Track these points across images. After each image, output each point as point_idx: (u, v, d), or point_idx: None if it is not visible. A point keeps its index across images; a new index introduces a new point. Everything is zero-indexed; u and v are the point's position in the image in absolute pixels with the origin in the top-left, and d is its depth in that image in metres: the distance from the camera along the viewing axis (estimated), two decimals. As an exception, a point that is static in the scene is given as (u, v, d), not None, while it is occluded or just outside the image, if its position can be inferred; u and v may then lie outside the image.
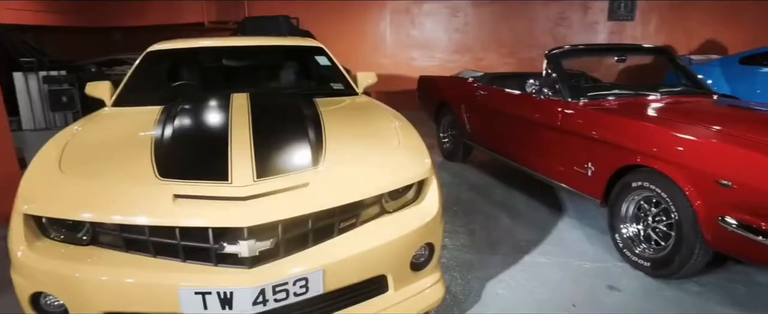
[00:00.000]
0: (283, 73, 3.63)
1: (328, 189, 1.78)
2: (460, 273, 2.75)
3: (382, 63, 8.19)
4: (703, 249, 2.47)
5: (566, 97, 3.41)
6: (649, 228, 2.79)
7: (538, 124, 3.59)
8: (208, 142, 2.12)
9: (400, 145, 2.13)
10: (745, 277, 2.75)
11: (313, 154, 1.94)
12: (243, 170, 1.78)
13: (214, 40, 3.61)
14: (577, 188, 3.29)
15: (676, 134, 2.62)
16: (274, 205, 1.68)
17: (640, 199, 2.83)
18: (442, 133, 5.32)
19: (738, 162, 2.30)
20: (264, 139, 2.02)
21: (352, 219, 1.83)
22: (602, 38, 8.36)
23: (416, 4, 8.14)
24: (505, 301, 2.49)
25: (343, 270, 1.76)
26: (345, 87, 3.27)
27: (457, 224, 3.45)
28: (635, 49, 4.90)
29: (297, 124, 2.24)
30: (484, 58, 8.32)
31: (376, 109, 2.77)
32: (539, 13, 8.21)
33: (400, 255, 1.90)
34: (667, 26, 8.27)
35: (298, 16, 7.84)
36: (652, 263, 2.71)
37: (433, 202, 2.01)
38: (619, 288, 2.64)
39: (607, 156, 2.97)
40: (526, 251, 3.05)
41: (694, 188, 2.43)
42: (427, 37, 8.27)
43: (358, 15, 8.21)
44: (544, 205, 3.86)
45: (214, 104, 2.57)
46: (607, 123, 3.04)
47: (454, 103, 4.88)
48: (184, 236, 1.64)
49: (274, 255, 1.67)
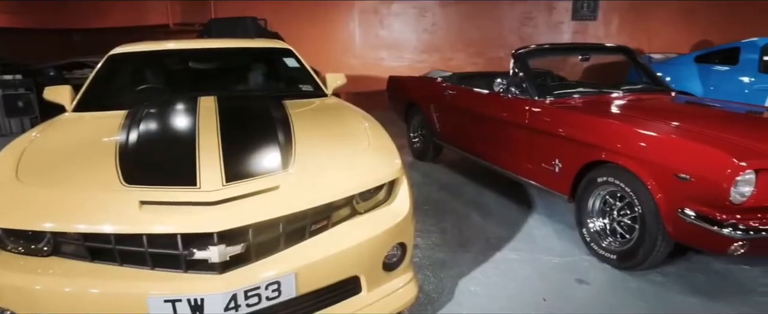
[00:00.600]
0: (251, 75, 3.58)
1: (299, 192, 1.77)
2: (433, 272, 2.77)
3: (351, 64, 8.18)
4: (664, 240, 2.56)
5: (533, 95, 3.48)
6: (614, 222, 2.88)
7: (506, 122, 3.65)
8: (175, 147, 2.08)
9: (370, 145, 2.14)
10: (703, 266, 2.86)
11: (283, 157, 1.92)
12: (211, 174, 1.76)
13: (180, 43, 3.54)
14: (545, 185, 3.36)
15: (638, 130, 2.71)
16: (244, 209, 1.66)
17: (605, 194, 2.91)
18: (412, 132, 5.35)
19: (694, 156, 2.39)
20: (232, 143, 2.00)
21: (324, 221, 1.82)
22: (567, 37, 8.55)
23: (384, 4, 8.16)
24: (478, 298, 2.52)
25: (316, 273, 1.75)
26: (314, 88, 3.25)
27: (429, 223, 3.48)
28: (598, 48, 5.03)
29: (266, 127, 2.22)
30: (452, 57, 8.40)
31: (345, 110, 2.77)
32: (506, 13, 8.34)
33: (373, 256, 1.90)
34: (628, 26, 8.52)
35: (266, 17, 7.75)
36: (618, 256, 2.79)
37: (404, 202, 2.02)
38: (588, 281, 2.70)
39: (573, 153, 3.05)
40: (497, 248, 3.09)
41: (655, 182, 2.51)
42: (395, 37, 8.30)
43: (326, 16, 8.17)
44: (513, 202, 3.92)
45: (180, 108, 2.53)
46: (573, 120, 3.12)
47: (424, 102, 4.91)
48: (151, 243, 1.60)
49: (246, 259, 1.65)
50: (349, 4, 8.13)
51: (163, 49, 3.40)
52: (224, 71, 3.63)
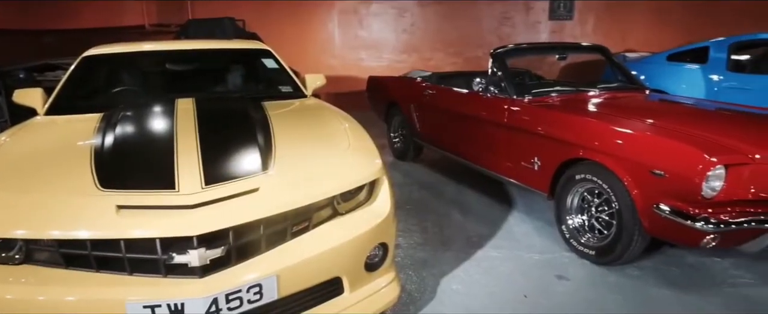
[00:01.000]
0: (229, 76, 3.55)
1: (279, 194, 1.76)
2: (415, 271, 2.78)
3: (330, 64, 8.15)
4: (641, 235, 2.62)
5: (512, 94, 3.52)
6: (592, 218, 2.93)
7: (486, 121, 3.68)
8: (152, 150, 2.05)
9: (350, 146, 2.14)
10: (678, 259, 2.93)
11: (263, 158, 1.91)
12: (190, 177, 1.74)
13: (157, 44, 3.49)
14: (524, 183, 3.40)
15: (615, 128, 2.76)
16: (223, 212, 1.64)
17: (583, 191, 2.96)
18: (392, 132, 5.36)
19: (668, 153, 2.45)
20: (211, 145, 1.98)
21: (305, 223, 1.82)
22: (544, 37, 8.66)
23: (363, 4, 8.15)
24: (460, 296, 2.54)
25: (298, 275, 1.75)
26: (293, 89, 3.24)
27: (410, 223, 3.49)
28: (575, 47, 5.12)
29: (245, 129, 2.21)
30: (431, 57, 8.44)
31: (325, 111, 2.77)
32: (484, 12, 8.41)
33: (354, 257, 1.90)
34: (603, 25, 8.67)
35: (244, 18, 7.67)
36: (596, 251, 2.84)
37: (385, 202, 2.02)
38: (567, 277, 2.75)
39: (552, 150, 3.09)
40: (479, 246, 3.12)
41: (631, 178, 2.56)
42: (375, 37, 8.30)
43: (305, 16, 8.13)
44: (494, 201, 3.96)
45: (158, 110, 2.49)
46: (551, 119, 3.16)
47: (404, 102, 4.92)
48: (129, 248, 1.58)
49: (226, 262, 1.64)
50: (329, 5, 8.11)
51: (139, 51, 3.35)
52: (202, 73, 3.59)
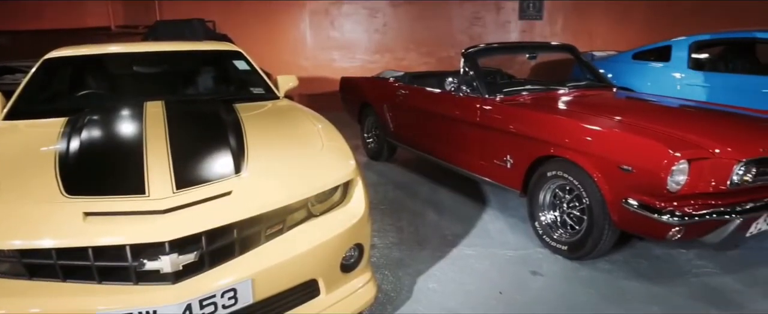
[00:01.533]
0: (200, 79, 3.49)
1: (253, 197, 1.74)
2: (391, 271, 2.79)
3: (302, 65, 8.10)
4: (611, 229, 2.68)
5: (483, 93, 3.56)
6: (564, 214, 2.98)
7: (459, 120, 3.71)
8: (120, 154, 2.00)
9: (323, 147, 2.13)
10: (645, 252, 3.02)
11: (235, 161, 1.89)
12: (161, 182, 1.70)
13: (124, 46, 3.41)
14: (498, 180, 3.44)
15: (584, 126, 2.82)
16: (196, 216, 1.62)
17: (555, 188, 3.01)
18: (366, 133, 5.36)
19: (635, 148, 2.52)
20: (182, 148, 1.95)
21: (279, 225, 1.80)
22: (514, 36, 8.79)
23: (335, 5, 8.13)
24: (436, 295, 2.56)
25: (273, 278, 1.73)
26: (265, 91, 3.21)
27: (385, 223, 3.49)
28: (544, 46, 5.21)
29: (217, 131, 2.18)
30: (404, 57, 8.47)
31: (298, 113, 2.75)
32: (455, 12, 8.49)
33: (330, 258, 1.90)
34: (571, 25, 8.85)
35: (214, 19, 7.56)
36: (568, 246, 2.89)
37: (359, 203, 2.02)
38: (541, 272, 2.79)
39: (523, 148, 3.14)
40: (454, 244, 3.15)
41: (601, 174, 2.62)
42: (347, 38, 8.28)
43: (276, 17, 8.06)
44: (468, 199, 4.00)
45: (126, 113, 2.44)
46: (523, 117, 3.21)
47: (377, 103, 4.93)
48: (98, 256, 1.53)
49: (199, 268, 1.61)
50: (300, 6, 8.06)
51: (105, 53, 3.27)
52: (172, 75, 3.52)
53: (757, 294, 2.56)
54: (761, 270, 2.80)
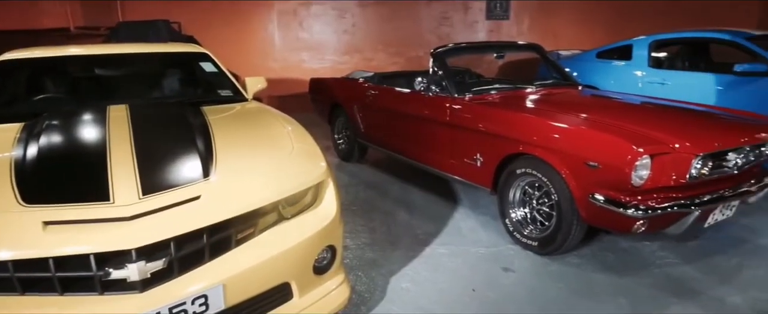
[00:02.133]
0: (165, 81, 3.41)
1: (222, 201, 1.71)
2: (364, 272, 2.78)
3: (271, 67, 8.00)
4: (579, 224, 2.75)
5: (453, 93, 3.59)
6: (534, 210, 3.04)
7: (429, 120, 3.74)
8: (82, 160, 1.94)
9: (293, 149, 2.11)
10: (612, 245, 3.10)
11: (204, 165, 1.85)
12: (126, 188, 1.66)
13: (84, 48, 3.30)
14: (468, 179, 3.48)
15: (552, 123, 2.87)
16: (163, 222, 1.58)
17: (525, 185, 3.06)
18: (336, 134, 5.34)
19: (600, 145, 2.58)
20: (148, 153, 1.90)
21: (250, 229, 1.77)
22: (482, 36, 8.89)
23: (303, 5, 8.06)
24: (410, 294, 2.57)
25: (245, 283, 1.71)
26: (233, 93, 3.16)
27: (358, 223, 3.49)
28: (511, 46, 5.28)
29: (184, 135, 2.13)
30: (373, 58, 8.47)
31: (267, 115, 2.72)
32: (423, 13, 8.53)
33: (302, 261, 1.89)
34: (537, 24, 9.02)
35: (180, 20, 7.39)
36: (539, 242, 2.95)
37: (331, 204, 2.01)
38: (513, 268, 2.84)
39: (493, 146, 3.18)
40: (426, 243, 3.17)
41: (568, 170, 2.68)
42: (316, 39, 8.23)
43: (244, 18, 7.94)
44: (439, 198, 4.03)
45: (87, 118, 2.36)
46: (492, 116, 3.25)
47: (347, 103, 4.92)
48: (59, 267, 1.48)
49: (169, 275, 1.58)
50: (267, 7, 7.96)
51: (64, 55, 3.15)
52: (136, 78, 3.43)
53: (714, 281, 2.67)
54: (717, 259, 2.92)
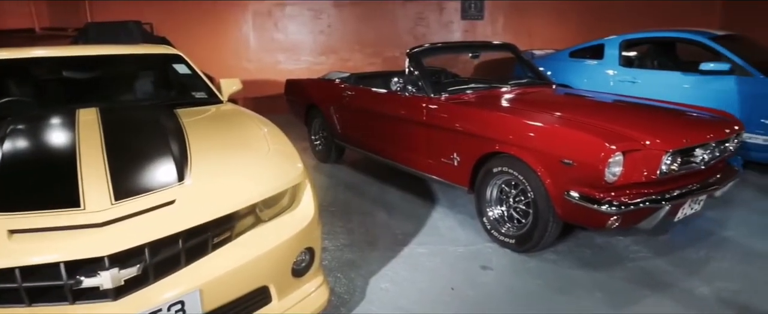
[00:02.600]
0: (138, 84, 3.34)
1: (198, 205, 1.69)
2: (343, 273, 2.78)
3: (246, 68, 7.91)
4: (555, 221, 2.79)
5: (429, 93, 3.61)
6: (511, 208, 3.08)
7: (405, 120, 3.75)
8: (50, 166, 1.88)
9: (270, 151, 2.09)
10: (588, 241, 3.16)
11: (178, 169, 1.82)
12: (97, 193, 1.62)
13: (51, 49, 3.20)
14: (445, 178, 3.50)
15: (527, 122, 2.91)
16: (137, 228, 1.55)
17: (501, 183, 3.10)
18: (313, 135, 5.31)
19: (575, 143, 2.63)
20: (120, 157, 1.86)
21: (227, 233, 1.75)
22: (457, 36, 8.96)
23: (278, 6, 8.00)
24: (389, 294, 2.57)
25: (222, 287, 1.68)
26: (208, 95, 3.12)
27: (336, 225, 3.48)
28: (486, 46, 5.34)
29: (157, 138, 2.09)
30: (349, 58, 8.45)
31: (242, 117, 2.69)
32: (399, 13, 8.55)
33: (281, 264, 1.87)
34: (511, 24, 9.13)
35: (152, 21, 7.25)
36: (516, 240, 2.98)
37: (308, 206, 2.00)
38: (491, 266, 2.86)
39: (469, 146, 3.21)
40: (405, 243, 3.17)
41: (544, 168, 2.72)
42: (291, 39, 8.17)
43: (217, 19, 7.83)
44: (417, 198, 4.04)
45: (55, 122, 2.30)
46: (468, 115, 3.28)
47: (324, 104, 4.90)
48: (27, 276, 1.43)
49: (143, 281, 1.54)
50: (242, 7, 7.87)
51: (29, 57, 3.06)
52: (107, 80, 3.34)
53: (684, 273, 2.75)
54: (687, 251, 3.01)
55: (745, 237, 3.22)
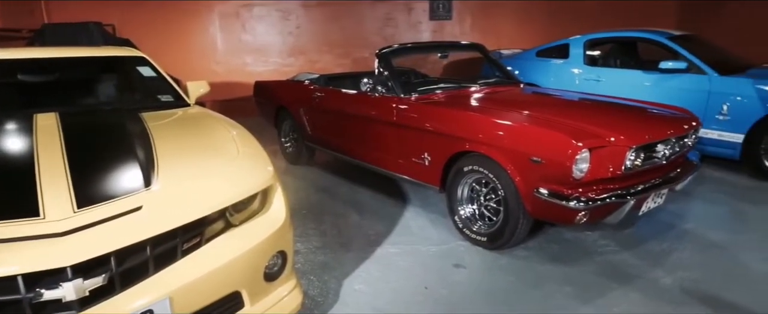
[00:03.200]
0: (100, 88, 3.24)
1: (166, 210, 1.65)
2: (316, 276, 2.76)
3: (214, 70, 7.77)
4: (525, 218, 2.84)
5: (399, 93, 3.62)
6: (482, 206, 3.11)
7: (376, 120, 3.75)
8: (6, 174, 1.80)
9: (239, 154, 2.06)
10: (557, 236, 3.23)
11: (145, 174, 1.77)
12: (58, 202, 1.56)
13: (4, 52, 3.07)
14: (417, 178, 3.52)
15: (496, 121, 2.95)
16: (102, 236, 1.50)
17: (472, 182, 3.13)
18: (283, 137, 5.26)
19: (543, 141, 2.68)
20: (82, 163, 1.80)
21: (197, 238, 1.71)
22: (426, 36, 9.01)
23: (246, 7, 7.89)
24: (363, 296, 2.56)
25: (193, 294, 1.65)
26: (174, 98, 3.05)
27: (308, 227, 3.45)
28: (455, 46, 5.39)
29: (122, 143, 2.04)
30: (319, 60, 8.41)
31: (210, 120, 2.64)
32: (367, 14, 8.55)
33: (253, 268, 1.84)
34: (479, 25, 9.24)
35: (113, 22, 7.04)
36: (487, 237, 3.02)
37: (280, 209, 1.98)
38: (464, 264, 2.89)
39: (440, 145, 3.23)
40: (377, 244, 3.17)
41: (513, 166, 2.76)
42: (260, 41, 8.07)
43: (183, 20, 7.67)
44: (389, 198, 4.05)
45: (10, 128, 2.21)
46: (438, 115, 3.30)
47: (293, 106, 4.86)
48: (-17, 291, 1.37)
49: (110, 291, 1.49)
50: (208, 8, 7.73)
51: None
52: (66, 84, 3.23)
53: (649, 265, 2.84)
54: (650, 244, 3.11)
55: (704, 228, 3.35)
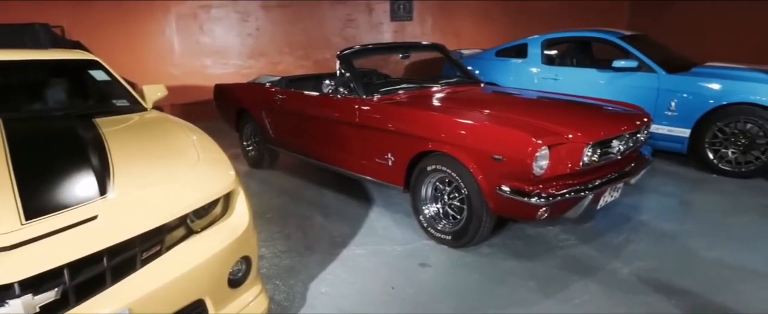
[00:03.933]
0: (49, 92, 3.10)
1: (123, 219, 1.59)
2: (282, 280, 2.73)
3: (171, 73, 7.57)
4: (488, 216, 2.89)
5: (361, 94, 3.62)
6: (446, 205, 3.15)
7: (339, 122, 3.73)
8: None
9: (199, 159, 2.01)
10: (520, 233, 3.30)
11: (99, 182, 1.71)
12: (3, 214, 1.48)
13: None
14: (381, 178, 3.53)
15: (458, 120, 2.99)
16: (53, 249, 1.43)
17: (436, 181, 3.16)
18: (245, 141, 5.17)
19: (503, 139, 2.73)
20: (31, 172, 1.72)
21: (157, 247, 1.67)
22: (387, 37, 9.05)
23: (203, 8, 7.71)
24: (330, 298, 2.55)
25: (154, 304, 1.60)
26: (130, 103, 2.96)
27: (273, 231, 3.41)
28: (416, 46, 5.42)
29: (74, 150, 1.96)
30: (280, 61, 8.31)
31: (169, 124, 2.57)
32: (328, 15, 8.51)
33: (216, 275, 1.81)
34: (439, 25, 9.35)
35: (62, 23, 6.75)
36: (452, 236, 3.06)
37: (242, 214, 1.95)
38: (429, 263, 2.92)
39: (403, 145, 3.25)
40: (343, 245, 3.16)
41: (476, 165, 2.81)
42: (219, 43, 7.90)
43: (137, 22, 7.42)
44: (353, 199, 4.04)
45: (-49, 136, 2.08)
46: (400, 115, 3.32)
47: (255, 109, 4.78)
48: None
49: (64, 306, 1.43)
50: (163, 9, 7.51)
51: None
52: (11, 89, 3.08)
53: (608, 257, 2.94)
54: (608, 236, 3.22)
55: (657, 219, 3.49)
